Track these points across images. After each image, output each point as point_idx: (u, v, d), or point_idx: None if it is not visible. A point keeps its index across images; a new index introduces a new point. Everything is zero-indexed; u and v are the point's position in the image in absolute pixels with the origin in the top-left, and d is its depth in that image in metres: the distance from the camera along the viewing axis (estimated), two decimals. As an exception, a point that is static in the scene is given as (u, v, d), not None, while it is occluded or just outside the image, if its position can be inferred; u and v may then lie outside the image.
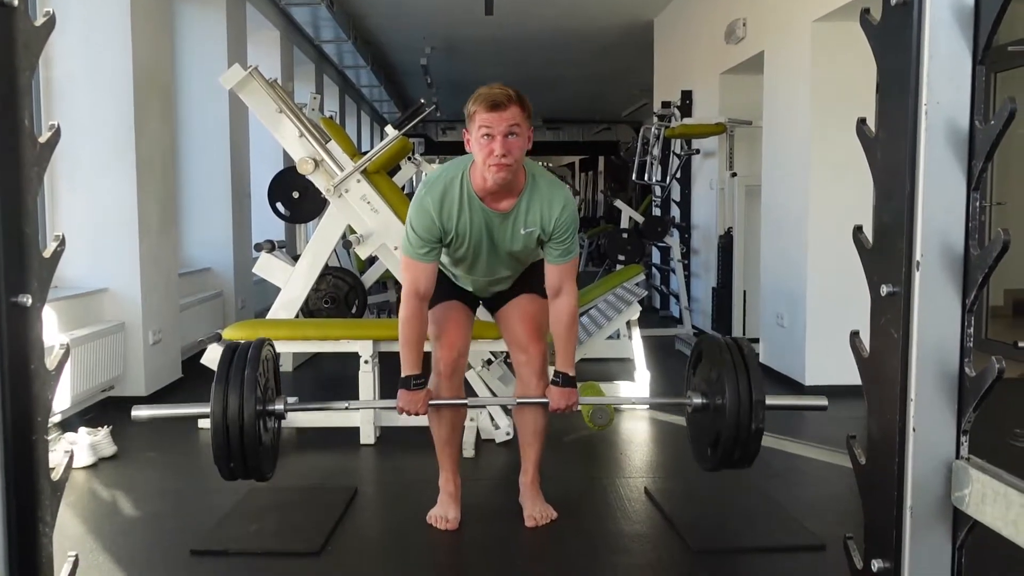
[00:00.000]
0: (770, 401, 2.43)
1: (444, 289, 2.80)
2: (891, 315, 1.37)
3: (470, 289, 2.87)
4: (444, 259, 2.75)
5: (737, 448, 2.46)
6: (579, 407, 2.73)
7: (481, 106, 2.42)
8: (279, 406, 2.48)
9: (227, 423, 2.30)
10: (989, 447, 1.57)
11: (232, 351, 2.44)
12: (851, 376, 1.63)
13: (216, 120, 6.12)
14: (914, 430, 1.33)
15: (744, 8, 5.90)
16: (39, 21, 1.37)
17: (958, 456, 1.34)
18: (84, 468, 3.46)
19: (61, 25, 1.42)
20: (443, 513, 2.83)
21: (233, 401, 2.31)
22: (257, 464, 2.37)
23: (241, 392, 2.31)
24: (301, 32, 8.29)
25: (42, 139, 1.38)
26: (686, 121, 6.69)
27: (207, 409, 2.31)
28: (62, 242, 1.43)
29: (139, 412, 2.49)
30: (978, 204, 1.32)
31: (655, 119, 7.36)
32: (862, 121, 1.49)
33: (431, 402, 2.66)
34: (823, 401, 2.61)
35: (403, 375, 2.63)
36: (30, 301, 1.32)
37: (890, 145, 1.38)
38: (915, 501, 1.35)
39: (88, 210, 4.42)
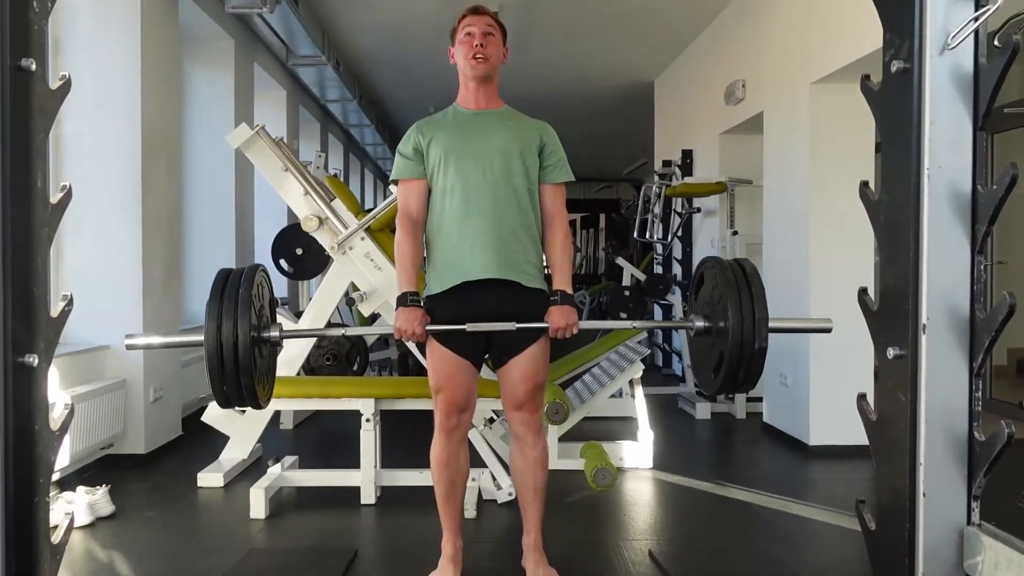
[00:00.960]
0: (774, 324, 2.38)
1: (446, 347, 2.73)
2: (898, 378, 1.37)
3: (474, 246, 2.66)
4: (437, 207, 2.70)
5: (741, 368, 2.39)
6: (577, 328, 2.65)
7: (465, 13, 2.78)
8: (274, 333, 2.42)
9: (221, 342, 2.22)
10: (997, 510, 1.55)
11: (226, 275, 2.36)
12: (856, 436, 1.62)
13: (222, 177, 6.18)
14: (924, 495, 1.32)
15: (743, 70, 6.00)
16: (55, 84, 1.39)
17: (969, 522, 1.32)
18: (81, 528, 3.42)
19: (72, 84, 1.44)
20: (443, 577, 2.78)
21: (227, 322, 2.23)
22: (252, 388, 2.29)
23: (235, 314, 2.24)
24: (307, 91, 8.43)
25: (53, 200, 1.39)
26: (687, 180, 6.75)
27: (201, 337, 2.25)
28: (70, 302, 1.43)
29: (132, 340, 2.38)
30: (983, 267, 1.33)
31: (656, 178, 7.42)
32: (864, 184, 1.51)
33: (428, 327, 2.60)
34: (828, 324, 2.52)
35: (399, 293, 2.63)
36: (36, 361, 1.32)
37: (893, 208, 1.40)
38: (927, 568, 1.33)
39: (93, 267, 4.44)
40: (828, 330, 2.53)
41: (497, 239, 2.65)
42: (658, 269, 8.16)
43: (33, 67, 1.31)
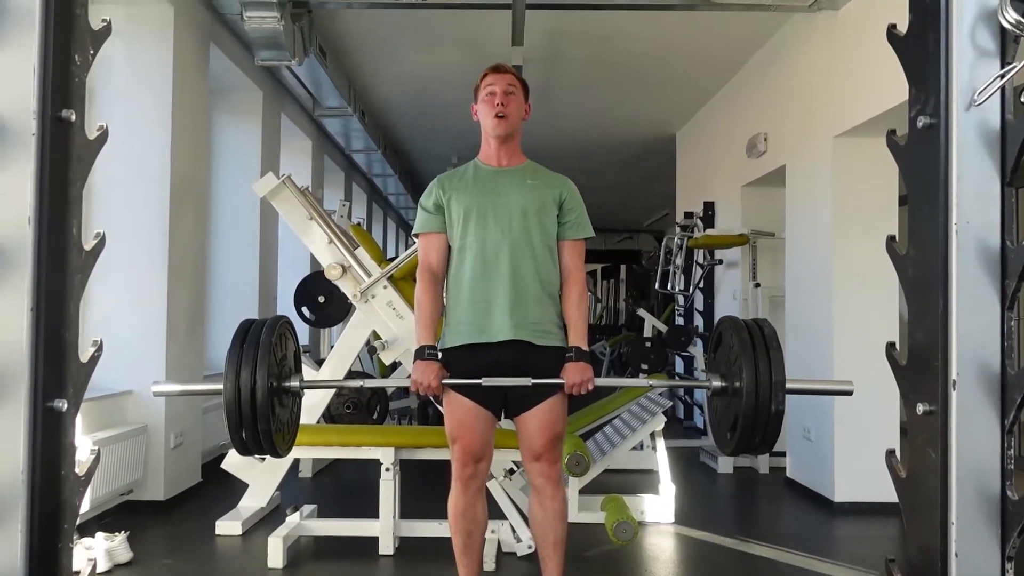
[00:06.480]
0: (791, 385, 2.33)
1: (463, 396, 2.75)
2: (928, 434, 1.35)
3: (491, 307, 2.67)
4: (455, 267, 2.73)
5: (756, 431, 2.35)
6: (593, 385, 2.62)
7: (487, 71, 2.81)
8: (295, 383, 2.41)
9: (239, 387, 2.21)
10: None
11: (248, 324, 2.36)
12: (883, 492, 1.59)
13: (247, 225, 6.25)
14: (956, 555, 1.29)
15: (765, 123, 6.03)
16: (93, 135, 1.43)
17: (1004, 584, 1.29)
18: (100, 575, 3.41)
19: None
20: (461, 632, 2.73)
21: (246, 370, 2.22)
22: (269, 435, 2.26)
23: (255, 361, 2.23)
24: (332, 141, 8.55)
25: (87, 247, 1.42)
26: (709, 232, 6.76)
27: (220, 385, 2.24)
28: (100, 347, 1.45)
29: (159, 388, 2.43)
30: (1012, 323, 1.32)
31: (678, 229, 7.44)
32: (891, 239, 1.51)
33: (445, 381, 2.61)
34: (849, 386, 2.46)
35: (417, 346, 2.66)
36: (65, 406, 1.33)
37: (921, 263, 1.39)
38: (961, 631, 1.30)
39: (118, 312, 4.47)
40: (849, 392, 2.50)
41: (514, 301, 2.67)
42: (679, 321, 8.13)
43: (73, 118, 1.34)
